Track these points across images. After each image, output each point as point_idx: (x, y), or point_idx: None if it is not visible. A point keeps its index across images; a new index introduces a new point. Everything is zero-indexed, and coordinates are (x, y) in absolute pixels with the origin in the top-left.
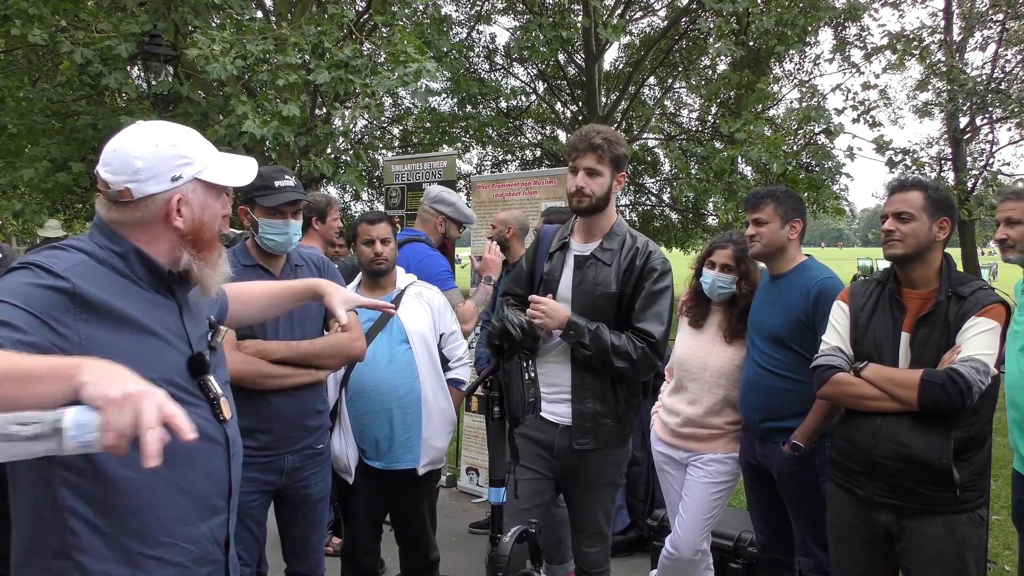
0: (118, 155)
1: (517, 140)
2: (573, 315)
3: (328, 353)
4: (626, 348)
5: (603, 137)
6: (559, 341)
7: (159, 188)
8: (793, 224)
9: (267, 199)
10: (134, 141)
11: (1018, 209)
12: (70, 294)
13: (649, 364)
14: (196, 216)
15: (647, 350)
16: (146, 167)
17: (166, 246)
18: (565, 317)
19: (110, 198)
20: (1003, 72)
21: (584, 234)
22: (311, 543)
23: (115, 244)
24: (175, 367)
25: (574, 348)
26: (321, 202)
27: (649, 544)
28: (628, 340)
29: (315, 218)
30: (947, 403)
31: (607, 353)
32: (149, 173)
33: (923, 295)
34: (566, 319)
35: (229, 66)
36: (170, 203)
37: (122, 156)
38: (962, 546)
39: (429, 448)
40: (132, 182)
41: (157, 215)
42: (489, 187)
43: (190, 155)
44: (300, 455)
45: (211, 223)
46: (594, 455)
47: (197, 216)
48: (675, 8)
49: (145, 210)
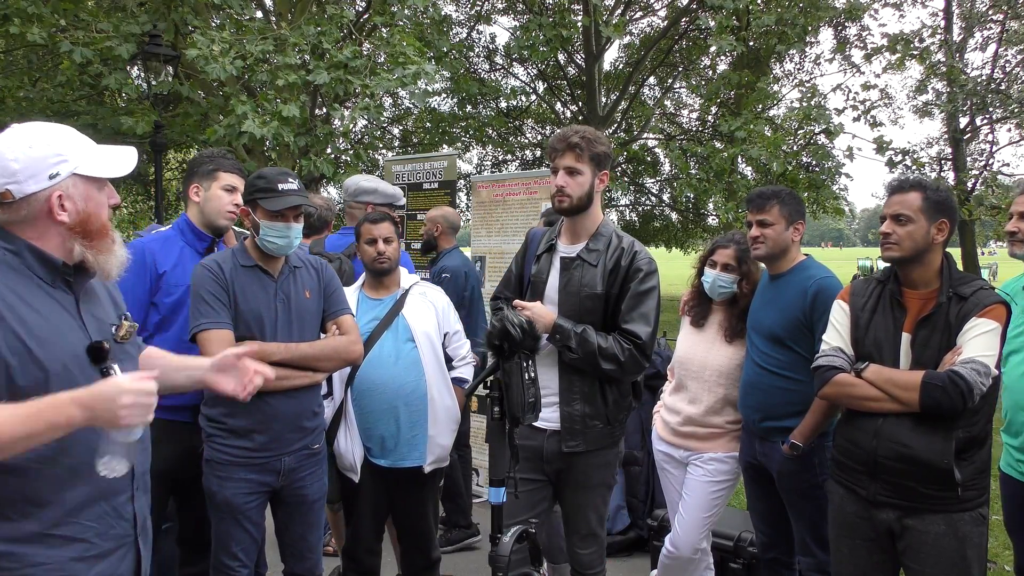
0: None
1: (517, 140)
2: (559, 318)
3: (326, 356)
4: (613, 350)
5: (581, 136)
6: (546, 344)
7: (38, 187)
8: (797, 226)
9: (270, 202)
10: (8, 144)
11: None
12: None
13: (636, 365)
14: (80, 208)
15: (634, 351)
16: (22, 168)
17: (56, 240)
18: (551, 321)
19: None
20: (1003, 72)
21: (570, 235)
22: (308, 543)
23: (8, 242)
24: (72, 355)
25: (561, 351)
26: (327, 216)
27: (649, 544)
28: (615, 342)
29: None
30: (948, 405)
31: (594, 356)
32: (26, 173)
33: (924, 295)
34: (552, 323)
35: (229, 66)
36: (51, 200)
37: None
38: (964, 544)
39: (435, 446)
40: (11, 183)
41: (40, 212)
42: (489, 187)
43: (65, 153)
44: (297, 456)
45: (97, 213)
46: (584, 457)
47: (81, 208)
48: (675, 8)
49: (28, 208)
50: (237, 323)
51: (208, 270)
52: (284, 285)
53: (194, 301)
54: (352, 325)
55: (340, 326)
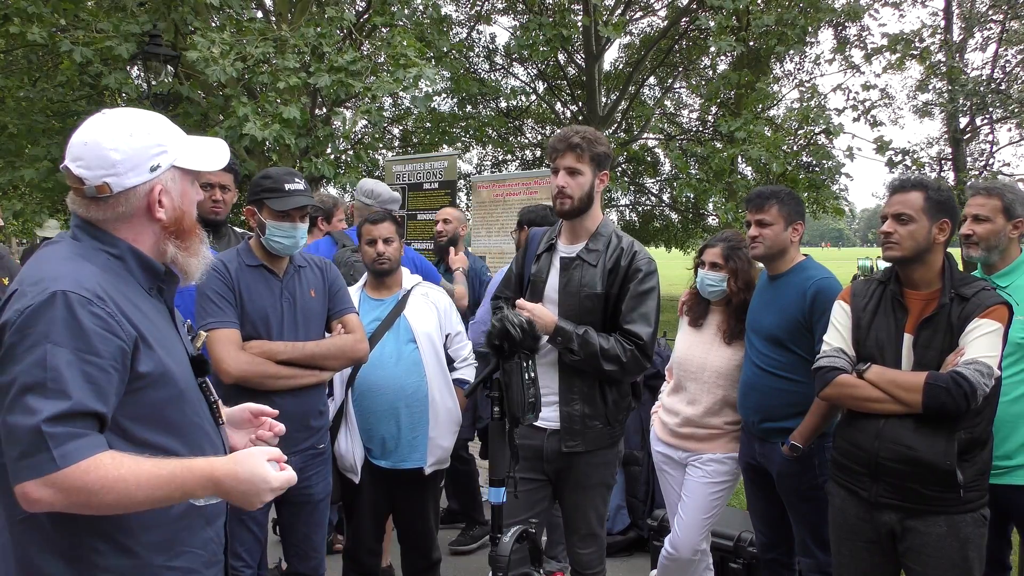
0: (91, 148)
1: (517, 140)
2: (560, 320)
3: (333, 354)
4: (615, 351)
5: (581, 136)
6: (545, 344)
7: (139, 180)
8: (796, 226)
9: (277, 202)
10: (107, 132)
11: (987, 206)
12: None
13: (638, 366)
14: (177, 205)
15: (636, 352)
16: (124, 159)
17: (151, 240)
18: (552, 323)
19: (87, 195)
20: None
21: (570, 236)
22: (313, 543)
23: (109, 245)
24: (188, 368)
25: (562, 353)
26: (328, 203)
27: (649, 544)
28: (617, 343)
29: (321, 218)
30: (952, 407)
31: (596, 357)
32: (128, 165)
33: (925, 296)
34: (553, 325)
35: (229, 68)
36: (151, 194)
37: (96, 149)
38: (965, 546)
39: (436, 447)
40: (110, 176)
41: (139, 208)
42: (489, 187)
43: (165, 142)
44: (303, 456)
45: (191, 211)
46: (583, 457)
47: (178, 205)
48: (675, 8)
49: (127, 204)
50: (243, 322)
51: (214, 270)
52: (289, 284)
53: (200, 301)
54: (357, 324)
55: (345, 325)
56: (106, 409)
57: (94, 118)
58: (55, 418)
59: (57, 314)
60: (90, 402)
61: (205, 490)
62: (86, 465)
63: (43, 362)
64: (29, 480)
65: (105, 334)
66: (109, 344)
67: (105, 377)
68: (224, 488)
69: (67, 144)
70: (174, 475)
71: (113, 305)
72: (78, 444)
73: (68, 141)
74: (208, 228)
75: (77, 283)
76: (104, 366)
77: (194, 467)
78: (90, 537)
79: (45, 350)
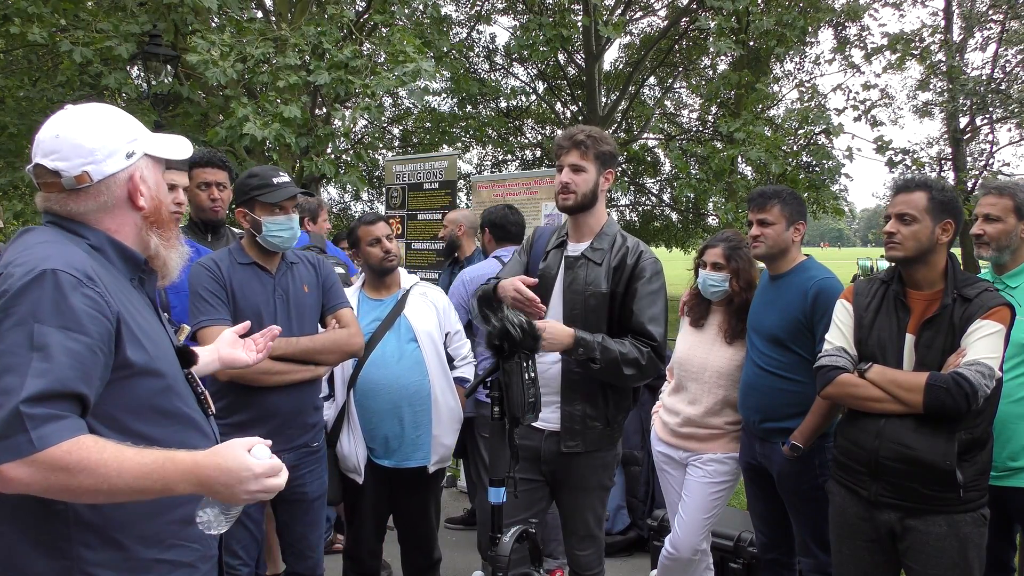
0: (64, 140)
1: (517, 140)
2: (578, 331)
3: (328, 349)
4: (634, 355)
5: (587, 134)
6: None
7: (118, 167)
8: (797, 226)
9: (269, 196)
10: (77, 123)
11: (998, 206)
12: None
13: (655, 368)
14: (154, 194)
15: (651, 354)
16: (101, 146)
17: (133, 231)
18: (569, 336)
19: (66, 187)
20: (1003, 72)
21: (575, 234)
22: (309, 542)
23: (87, 235)
24: (174, 360)
25: (583, 364)
26: (312, 203)
27: (649, 544)
28: (633, 346)
29: (307, 219)
30: (952, 407)
31: (616, 363)
32: (105, 152)
33: (928, 296)
34: (571, 338)
35: (229, 70)
36: (132, 181)
37: (70, 140)
38: (965, 545)
39: (439, 446)
40: (89, 164)
41: (120, 197)
42: (489, 187)
43: (134, 131)
44: (297, 453)
45: (166, 200)
46: (582, 458)
47: (155, 194)
48: (675, 8)
49: (108, 193)
50: (236, 319)
51: (205, 268)
52: (282, 281)
53: (192, 299)
54: (351, 318)
55: (339, 319)
56: (89, 392)
57: (58, 114)
58: (35, 398)
59: (46, 293)
60: (73, 384)
61: (187, 484)
62: (67, 446)
63: (29, 341)
64: (5, 463)
65: (95, 315)
66: (99, 325)
67: (92, 359)
68: (208, 480)
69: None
70: (156, 465)
71: (103, 286)
72: (58, 426)
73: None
74: (208, 229)
75: (67, 263)
76: (92, 347)
77: (177, 459)
78: (78, 530)
79: (32, 329)
